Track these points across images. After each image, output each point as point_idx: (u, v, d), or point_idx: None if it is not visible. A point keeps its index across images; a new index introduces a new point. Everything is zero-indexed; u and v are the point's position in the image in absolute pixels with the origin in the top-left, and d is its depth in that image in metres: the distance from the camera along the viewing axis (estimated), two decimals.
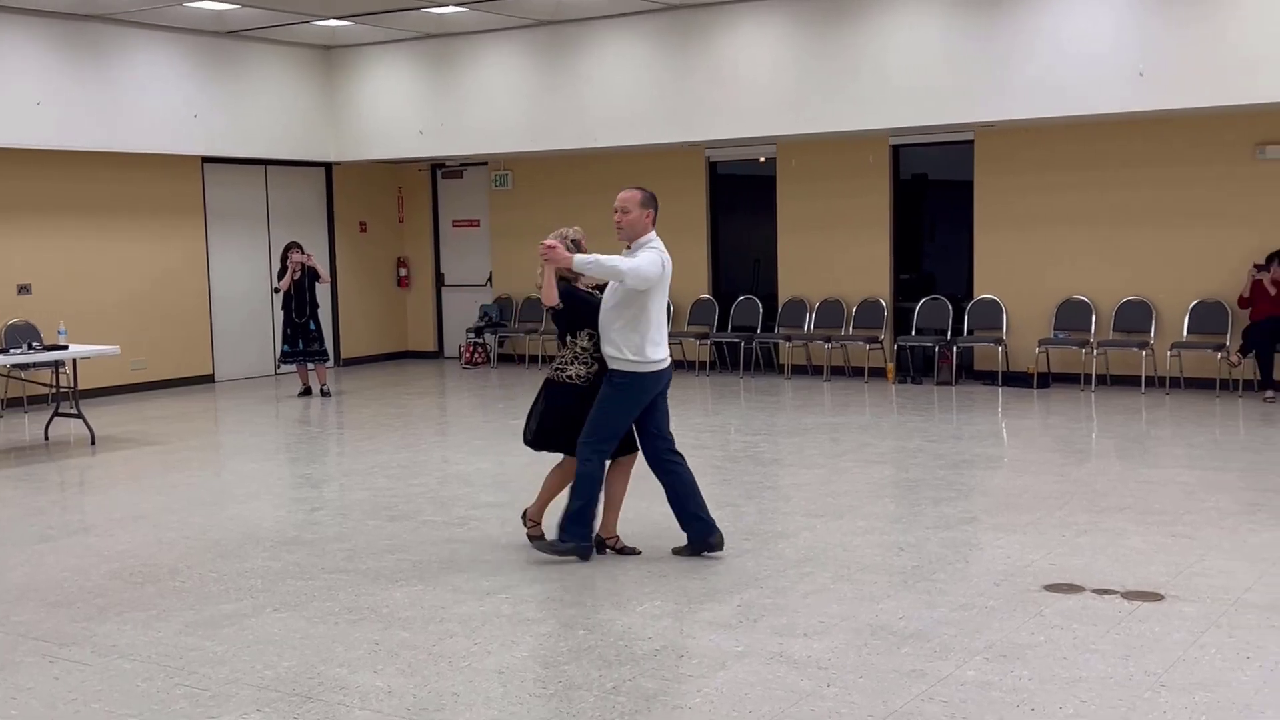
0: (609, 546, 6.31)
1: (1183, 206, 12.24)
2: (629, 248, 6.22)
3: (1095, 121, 12.22)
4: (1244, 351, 11.54)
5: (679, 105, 13.56)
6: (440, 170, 17.02)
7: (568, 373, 6.20)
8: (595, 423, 6.08)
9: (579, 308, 6.19)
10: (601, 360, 6.11)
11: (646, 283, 6.04)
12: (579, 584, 5.84)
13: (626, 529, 6.51)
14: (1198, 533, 6.53)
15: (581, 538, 6.16)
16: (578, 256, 6.03)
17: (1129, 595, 5.43)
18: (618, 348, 6.07)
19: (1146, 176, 12.34)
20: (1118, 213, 12.56)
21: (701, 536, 6.25)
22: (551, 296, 6.05)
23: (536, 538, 6.36)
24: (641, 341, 6.07)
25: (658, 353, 6.14)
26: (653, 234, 6.30)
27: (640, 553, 6.26)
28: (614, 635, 5.07)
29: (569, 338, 6.22)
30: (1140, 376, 12.24)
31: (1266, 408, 11.02)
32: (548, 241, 6.04)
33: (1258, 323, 11.52)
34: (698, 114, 13.46)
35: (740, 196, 15.47)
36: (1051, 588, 5.60)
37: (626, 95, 13.82)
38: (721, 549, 6.25)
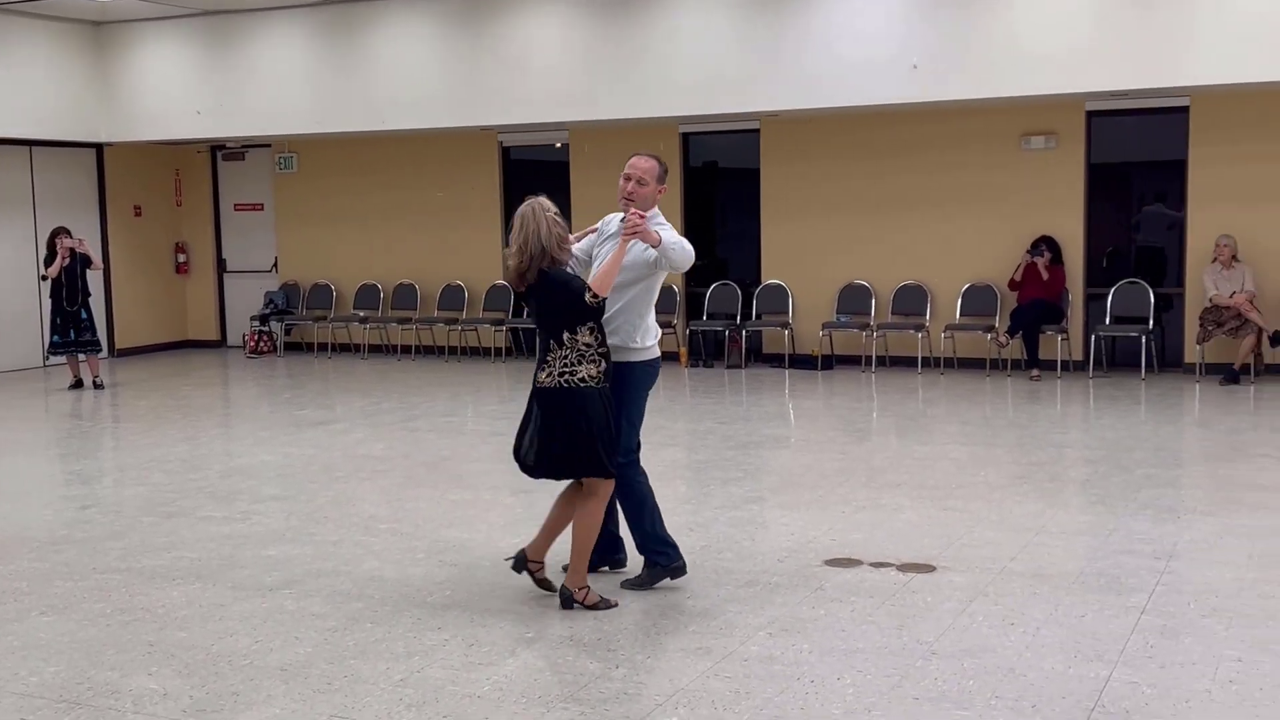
0: (530, 571, 5.32)
1: (955, 194, 12.81)
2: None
3: (873, 112, 12.66)
4: (1011, 332, 12.17)
5: (470, 89, 13.42)
6: (220, 152, 16.40)
7: (579, 375, 5.03)
8: (627, 434, 5.27)
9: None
10: (608, 356, 5.12)
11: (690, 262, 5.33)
12: (366, 577, 5.72)
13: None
14: (968, 506, 6.85)
15: (671, 556, 5.40)
16: (665, 235, 5.14)
17: (904, 567, 5.66)
18: (635, 336, 5.26)
19: (921, 165, 12.85)
20: (895, 200, 13.05)
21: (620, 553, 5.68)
22: (608, 284, 5.06)
23: (542, 580, 5.33)
24: (652, 324, 5.39)
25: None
26: (656, 208, 5.43)
27: (557, 591, 5.25)
28: (402, 628, 4.99)
29: (567, 334, 5.04)
30: (917, 357, 12.77)
31: (1032, 385, 11.66)
32: (638, 211, 5.16)
33: (1024, 305, 12.17)
34: (489, 98, 13.36)
35: (534, 182, 15.35)
36: (832, 562, 5.79)
37: (416, 77, 13.60)
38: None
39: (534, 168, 15.37)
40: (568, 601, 5.12)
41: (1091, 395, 11.05)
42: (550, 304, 5.08)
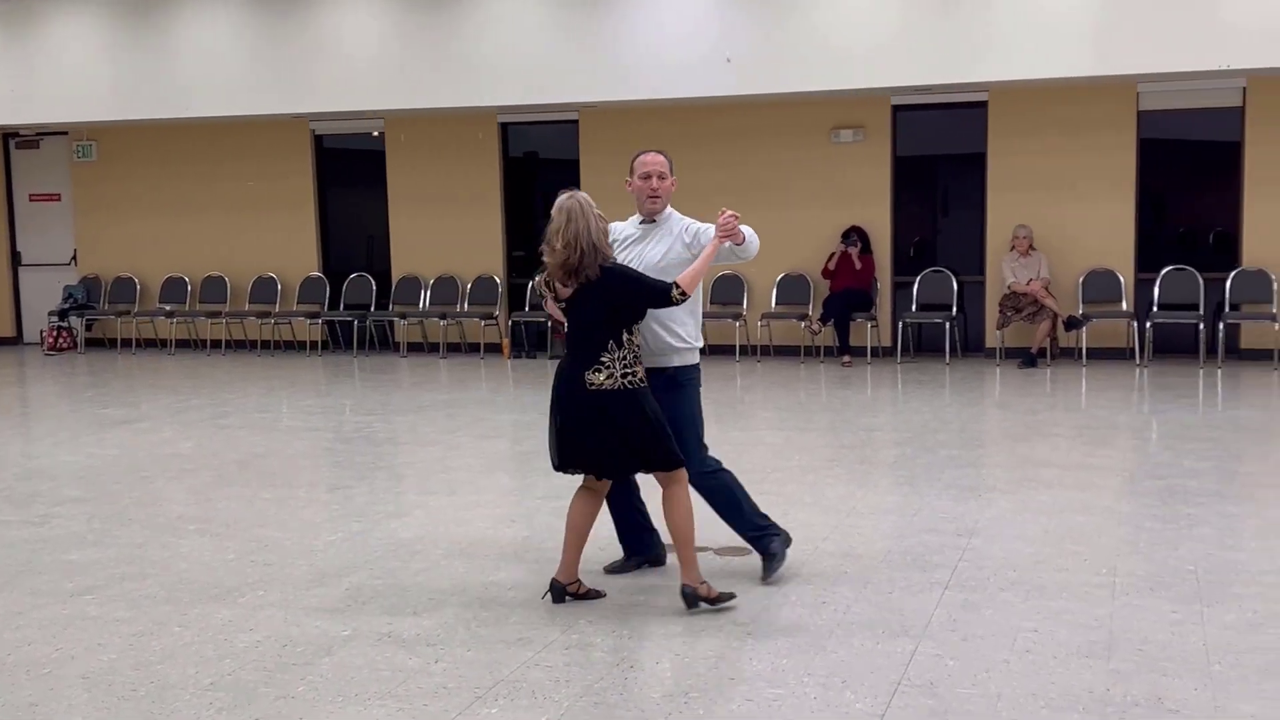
0: (572, 594, 5.06)
1: (769, 186, 13.08)
2: (650, 220, 5.30)
3: (690, 104, 12.83)
4: (824, 320, 12.52)
5: (280, 74, 13.09)
6: (13, 140, 15.58)
7: (639, 375, 4.92)
8: (699, 434, 5.26)
9: None
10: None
11: None
12: (174, 580, 5.53)
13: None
14: (783, 489, 7.01)
15: (775, 532, 5.40)
16: (745, 229, 5.08)
17: (721, 551, 5.76)
18: (690, 334, 5.24)
19: (737, 157, 13.08)
20: (712, 190, 13.22)
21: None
22: (697, 282, 5.00)
23: (589, 593, 5.11)
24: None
25: None
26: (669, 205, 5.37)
27: (605, 595, 5.13)
28: (212, 630, 4.85)
29: (626, 334, 4.91)
30: (735, 345, 13.02)
31: (844, 371, 12.02)
32: (730, 212, 5.04)
33: (836, 294, 12.53)
34: (300, 84, 13.06)
35: (350, 172, 15.14)
36: None
37: (223, 61, 13.19)
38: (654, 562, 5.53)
39: (349, 157, 15.08)
40: (693, 600, 4.88)
41: (899, 380, 11.45)
42: (617, 300, 4.87)
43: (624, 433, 4.87)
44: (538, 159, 14.72)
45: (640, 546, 5.53)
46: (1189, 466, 7.39)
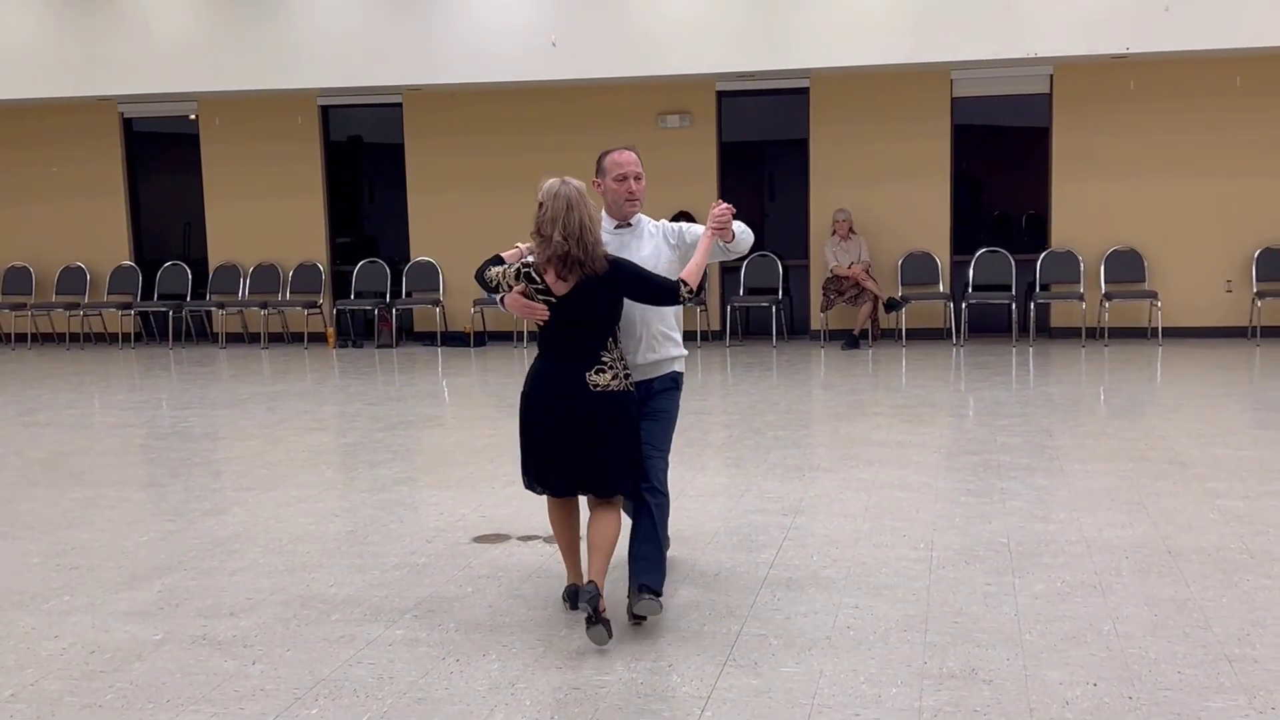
0: (588, 597, 4.33)
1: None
2: (626, 224, 4.85)
3: (516, 88, 12.72)
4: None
5: (84, 54, 12.50)
6: None
7: (631, 378, 4.55)
8: (669, 442, 4.77)
9: None
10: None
11: None
12: None
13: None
14: None
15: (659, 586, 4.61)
16: (736, 225, 4.72)
17: (550, 540, 5.73)
18: (676, 337, 4.80)
19: (564, 142, 13.04)
20: (539, 175, 13.16)
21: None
22: (699, 278, 4.57)
23: (601, 615, 4.33)
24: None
25: None
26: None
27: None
28: (14, 638, 4.59)
29: (611, 338, 4.52)
30: None
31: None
32: (725, 205, 4.68)
33: None
34: (106, 65, 12.50)
35: (162, 156, 14.56)
36: (481, 539, 5.79)
37: (20, 40, 12.52)
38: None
39: (161, 141, 14.50)
40: (594, 601, 4.28)
41: (729, 363, 11.59)
42: (623, 296, 4.47)
43: (614, 444, 4.39)
44: (362, 143, 14.40)
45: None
46: (1002, 442, 7.67)
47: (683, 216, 12.64)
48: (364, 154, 14.44)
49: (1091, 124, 12.42)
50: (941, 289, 12.72)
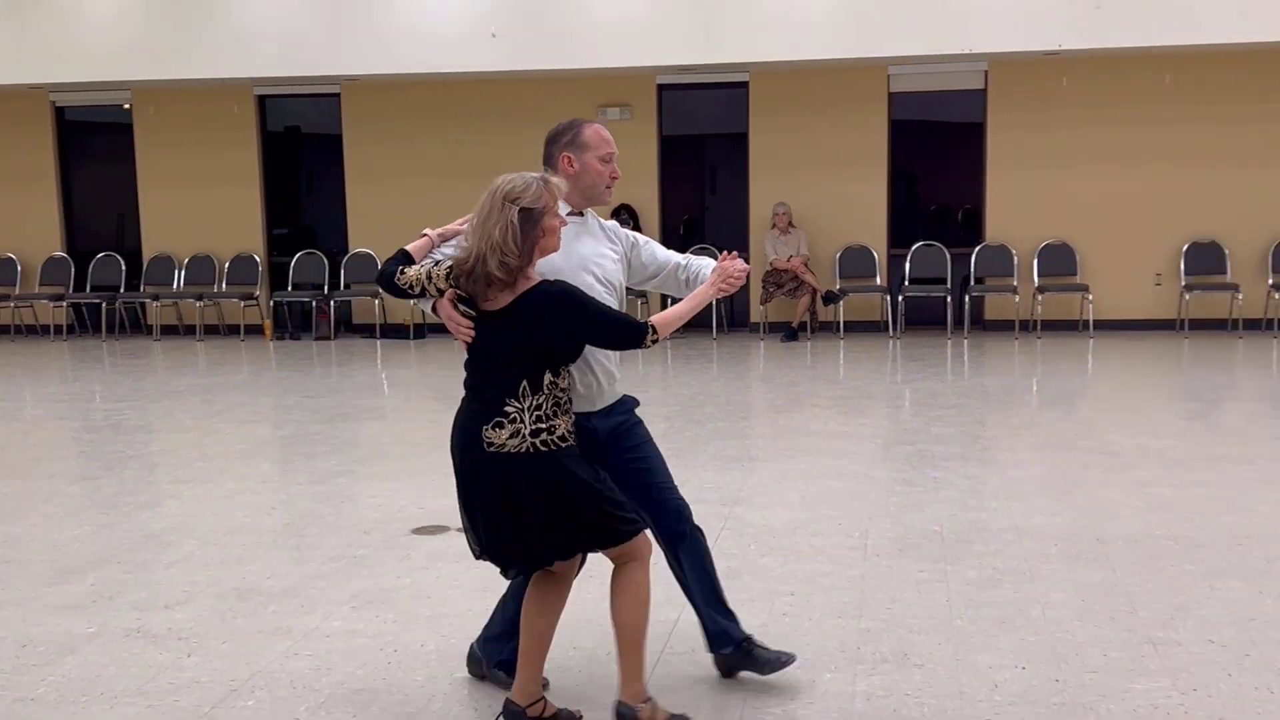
0: (529, 718, 3.62)
1: (536, 163, 12.97)
2: (579, 214, 3.95)
3: (455, 79, 12.67)
4: None
5: (13, 41, 12.27)
6: None
7: (557, 433, 3.48)
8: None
9: None
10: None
11: None
12: None
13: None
14: None
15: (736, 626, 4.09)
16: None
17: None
18: (619, 371, 3.93)
19: (503, 133, 13.00)
20: (480, 166, 13.09)
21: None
22: (673, 328, 3.67)
23: (558, 715, 3.69)
24: None
25: None
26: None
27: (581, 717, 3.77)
28: None
29: (550, 375, 3.47)
30: None
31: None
32: (742, 264, 3.82)
33: None
34: (36, 52, 12.28)
35: (95, 146, 14.35)
36: (419, 530, 5.78)
37: None
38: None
39: (94, 130, 14.29)
40: None
41: (669, 356, 11.64)
42: (557, 329, 3.44)
43: (544, 512, 3.45)
44: (299, 133, 14.27)
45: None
46: (936, 432, 7.78)
47: (624, 210, 12.66)
48: (301, 144, 14.32)
49: (1025, 120, 12.60)
50: (879, 282, 12.86)
